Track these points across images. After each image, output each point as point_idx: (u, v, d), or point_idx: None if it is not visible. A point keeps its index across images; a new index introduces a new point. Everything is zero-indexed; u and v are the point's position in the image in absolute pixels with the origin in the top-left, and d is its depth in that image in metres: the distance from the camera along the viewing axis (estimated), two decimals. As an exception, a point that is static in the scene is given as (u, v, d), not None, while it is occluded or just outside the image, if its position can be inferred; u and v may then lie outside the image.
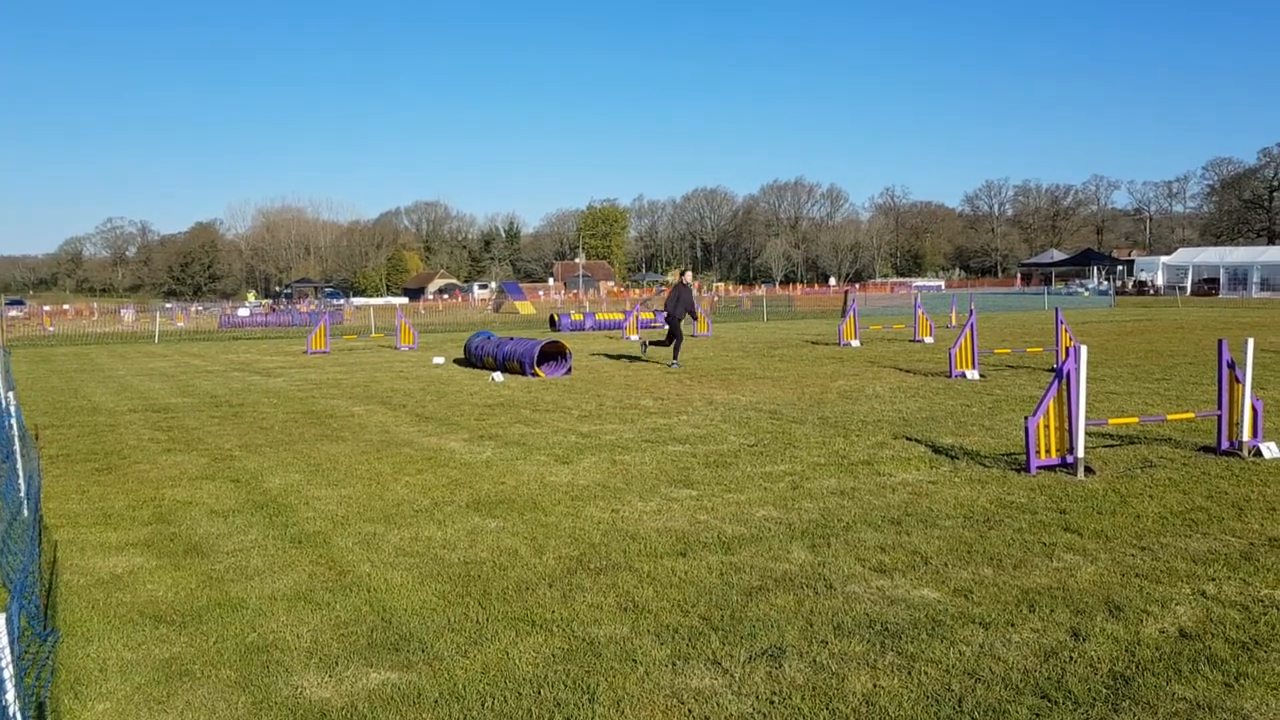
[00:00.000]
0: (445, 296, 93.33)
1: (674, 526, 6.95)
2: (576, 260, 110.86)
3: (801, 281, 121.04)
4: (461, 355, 21.80)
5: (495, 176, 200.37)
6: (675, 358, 19.08)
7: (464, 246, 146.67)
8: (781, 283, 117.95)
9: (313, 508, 7.78)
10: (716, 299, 64.15)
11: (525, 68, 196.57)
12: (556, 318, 35.05)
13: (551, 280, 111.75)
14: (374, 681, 4.44)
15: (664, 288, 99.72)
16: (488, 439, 10.87)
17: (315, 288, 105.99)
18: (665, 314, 19.24)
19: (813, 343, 25.00)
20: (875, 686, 4.26)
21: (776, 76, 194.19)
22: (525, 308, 57.77)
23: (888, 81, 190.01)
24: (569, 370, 17.87)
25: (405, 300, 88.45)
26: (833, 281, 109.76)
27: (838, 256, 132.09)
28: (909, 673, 4.38)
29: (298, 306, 63.88)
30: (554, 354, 18.28)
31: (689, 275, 20.11)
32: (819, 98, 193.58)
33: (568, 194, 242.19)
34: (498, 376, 17.22)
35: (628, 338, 28.17)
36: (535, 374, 17.29)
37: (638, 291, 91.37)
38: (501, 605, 5.39)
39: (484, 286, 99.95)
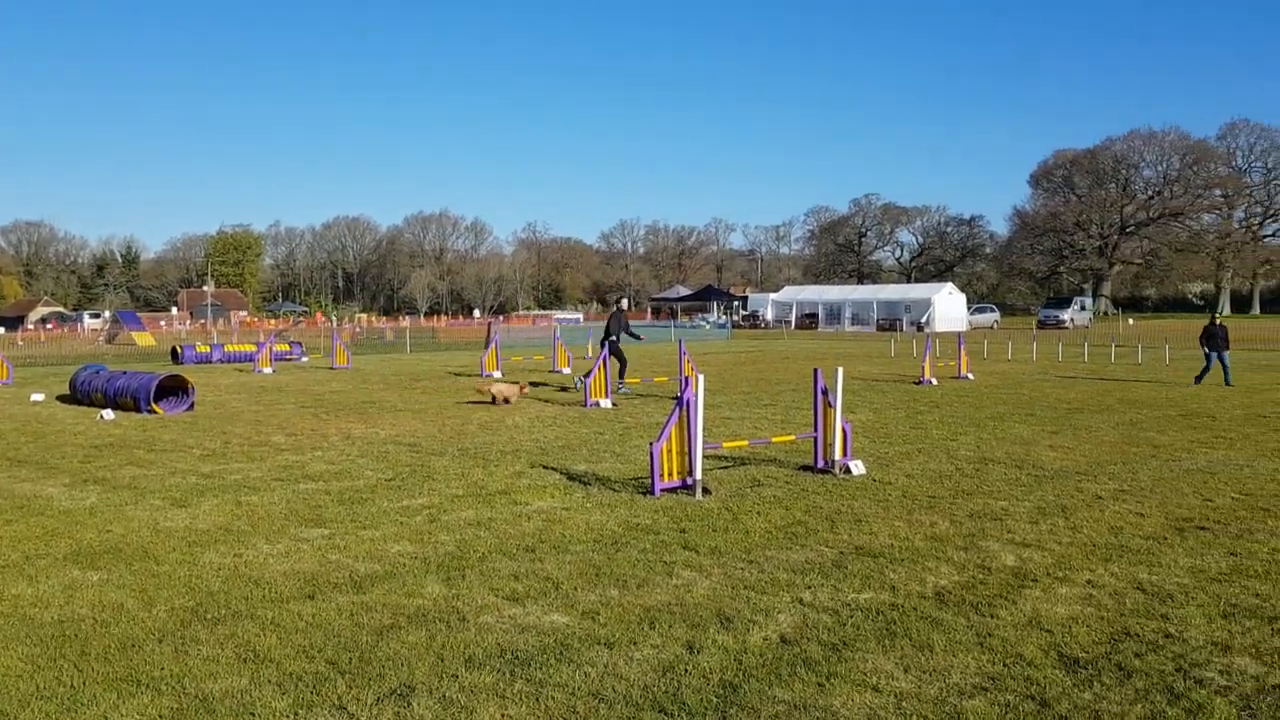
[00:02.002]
0: (49, 326, 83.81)
1: (302, 568, 6.67)
2: (205, 288, 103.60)
3: (446, 313, 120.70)
4: (67, 391, 19.63)
5: (111, 196, 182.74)
6: (621, 379, 19.28)
7: (73, 271, 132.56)
8: (426, 314, 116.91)
9: None
10: (358, 330, 62.43)
11: (147, 77, 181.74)
12: (180, 349, 32.54)
13: (176, 309, 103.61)
14: (-63, 768, 3.88)
15: (301, 319, 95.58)
16: (93, 483, 9.88)
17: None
18: (606, 340, 19.08)
19: (455, 374, 24.99)
20: (504, 716, 4.32)
21: (421, 106, 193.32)
22: (145, 339, 53.01)
23: (530, 117, 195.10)
24: (192, 406, 16.64)
25: (1, 330, 78.35)
26: (477, 313, 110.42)
27: (482, 289, 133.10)
28: (537, 699, 4.48)
29: None
30: (175, 389, 16.95)
31: (624, 303, 21.09)
32: (463, 130, 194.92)
33: (195, 218, 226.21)
34: (107, 414, 15.68)
35: (259, 370, 26.70)
36: (153, 410, 15.94)
37: (273, 322, 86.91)
38: (102, 666, 4.90)
39: (96, 315, 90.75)
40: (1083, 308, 70.69)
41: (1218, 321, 21.29)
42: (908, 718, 4.28)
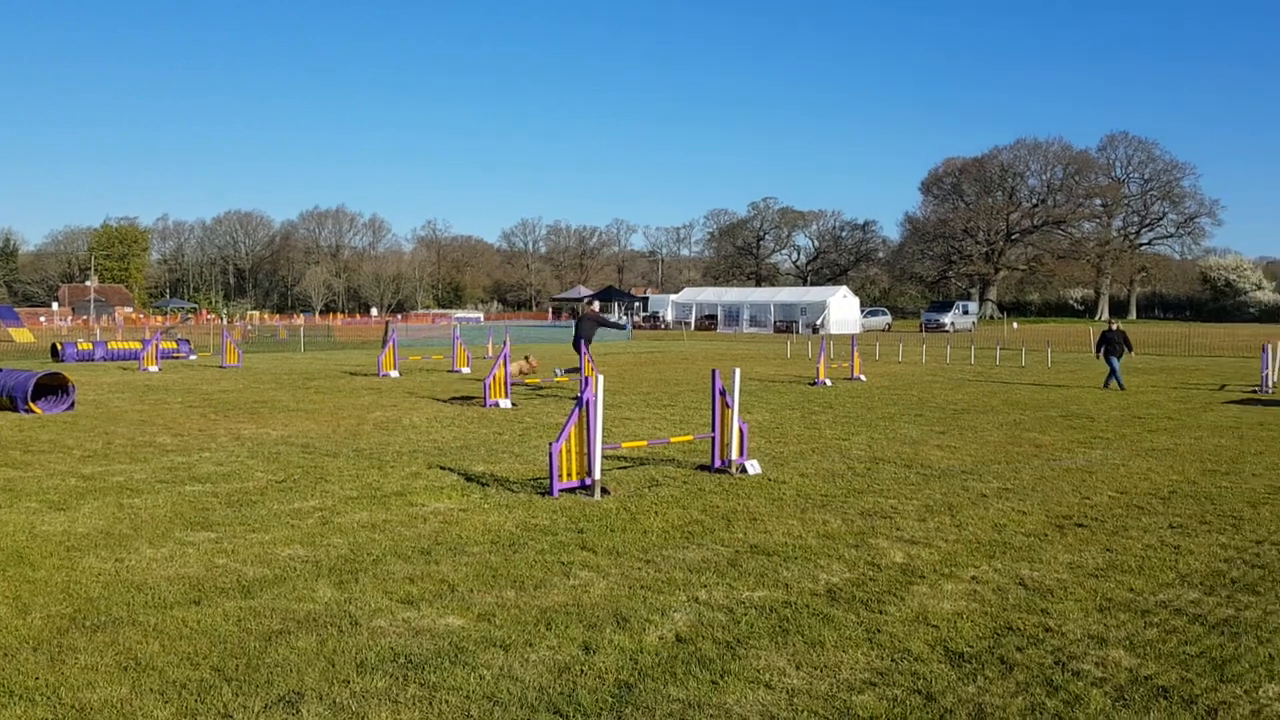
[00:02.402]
0: (-88, 321, 79.45)
1: (188, 573, 6.46)
2: (88, 283, 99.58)
3: (343, 311, 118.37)
4: (-69, 390, 18.63)
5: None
6: (565, 371, 19.97)
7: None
8: (321, 312, 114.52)
9: None
10: (250, 328, 60.77)
11: (23, 65, 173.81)
12: (60, 346, 31.19)
13: (56, 305, 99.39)
14: None
15: (190, 315, 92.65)
16: (-39, 487, 9.40)
17: None
18: (579, 340, 20.00)
19: (351, 374, 24.52)
20: (396, 720, 4.26)
21: (317, 100, 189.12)
22: (22, 335, 50.69)
23: (430, 114, 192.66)
24: (72, 405, 15.98)
25: None
26: (374, 311, 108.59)
27: (380, 287, 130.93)
28: (430, 703, 4.43)
29: None
30: (54, 387, 16.25)
31: (595, 305, 21.87)
32: (362, 125, 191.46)
33: (78, 210, 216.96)
34: (-22, 414, 14.94)
35: (145, 368, 25.77)
36: (30, 410, 15.25)
37: (160, 318, 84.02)
38: (-31, 679, 4.67)
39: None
40: (965, 312, 72.89)
41: (1115, 327, 21.74)
42: (799, 713, 4.36)
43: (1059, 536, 7.61)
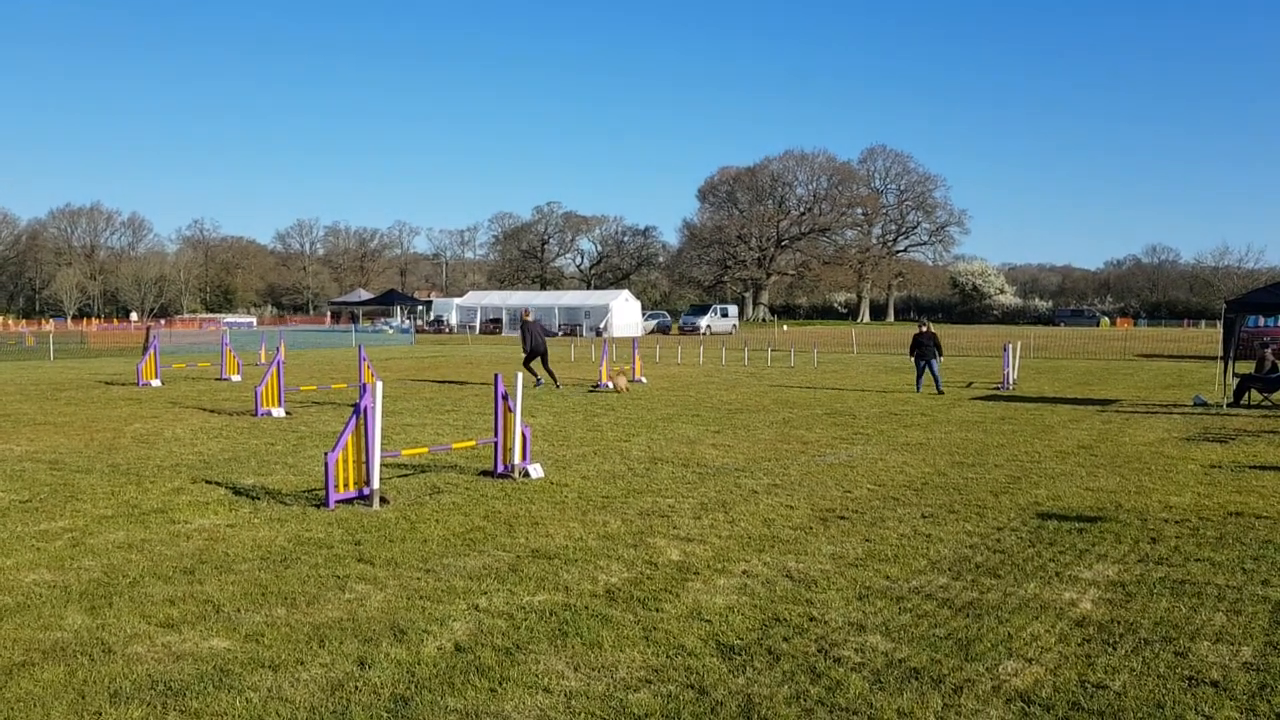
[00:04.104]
0: None
1: (-88, 607, 5.87)
2: None
3: (100, 316, 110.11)
4: None
5: None
6: (538, 374, 22.23)
7: None
8: (75, 317, 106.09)
9: None
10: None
11: None
12: None
13: None
14: None
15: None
16: None
17: None
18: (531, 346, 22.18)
19: (108, 383, 22.88)
20: (155, 751, 4.03)
21: (68, 88, 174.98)
22: None
23: (196, 107, 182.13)
24: None
25: None
26: (134, 316, 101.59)
27: (141, 290, 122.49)
28: (193, 730, 4.21)
29: None
30: None
31: (532, 315, 23.00)
32: (119, 117, 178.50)
33: None
34: None
35: None
36: None
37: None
38: None
39: None
40: (724, 315, 75.17)
41: (925, 329, 21.09)
42: (576, 716, 4.42)
43: (823, 529, 8.04)
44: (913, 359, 21.29)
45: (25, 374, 26.50)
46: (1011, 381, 22.78)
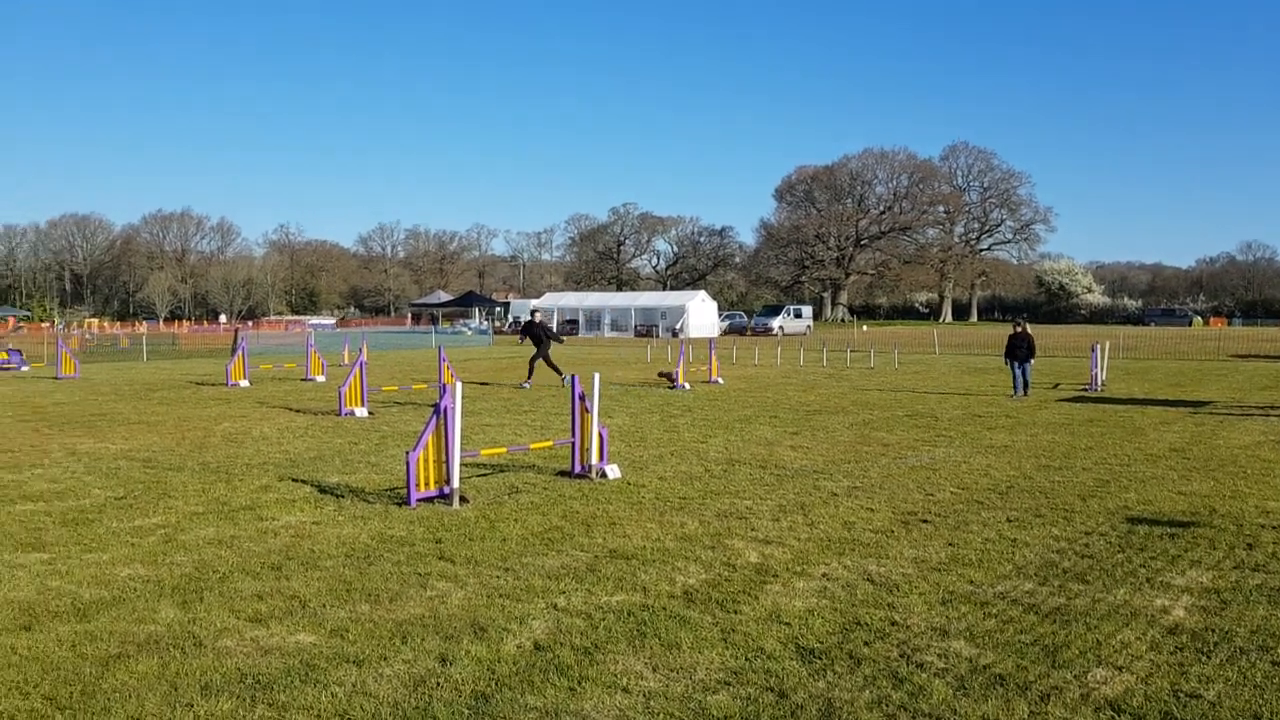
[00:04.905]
0: None
1: (17, 597, 6.10)
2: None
3: (190, 318, 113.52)
4: None
5: None
6: (530, 378, 22.95)
7: None
8: (167, 319, 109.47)
9: None
10: (88, 337, 57.68)
11: None
12: None
13: None
14: None
15: (23, 325, 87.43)
16: None
17: None
18: (542, 339, 23.29)
19: (198, 384, 23.56)
20: (244, 743, 4.12)
21: (159, 97, 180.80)
22: None
23: (282, 116, 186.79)
24: (-117, 422, 14.86)
25: None
26: (223, 319, 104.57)
27: (229, 293, 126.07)
28: (280, 723, 4.30)
29: None
30: None
31: (538, 315, 24.46)
32: (207, 124, 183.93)
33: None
34: None
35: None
36: None
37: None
38: None
39: None
40: (797, 315, 74.32)
41: (1021, 329, 20.19)
42: (655, 716, 4.41)
43: (905, 532, 7.91)
44: (1007, 363, 20.24)
45: (120, 374, 27.44)
46: (1100, 383, 22.19)
